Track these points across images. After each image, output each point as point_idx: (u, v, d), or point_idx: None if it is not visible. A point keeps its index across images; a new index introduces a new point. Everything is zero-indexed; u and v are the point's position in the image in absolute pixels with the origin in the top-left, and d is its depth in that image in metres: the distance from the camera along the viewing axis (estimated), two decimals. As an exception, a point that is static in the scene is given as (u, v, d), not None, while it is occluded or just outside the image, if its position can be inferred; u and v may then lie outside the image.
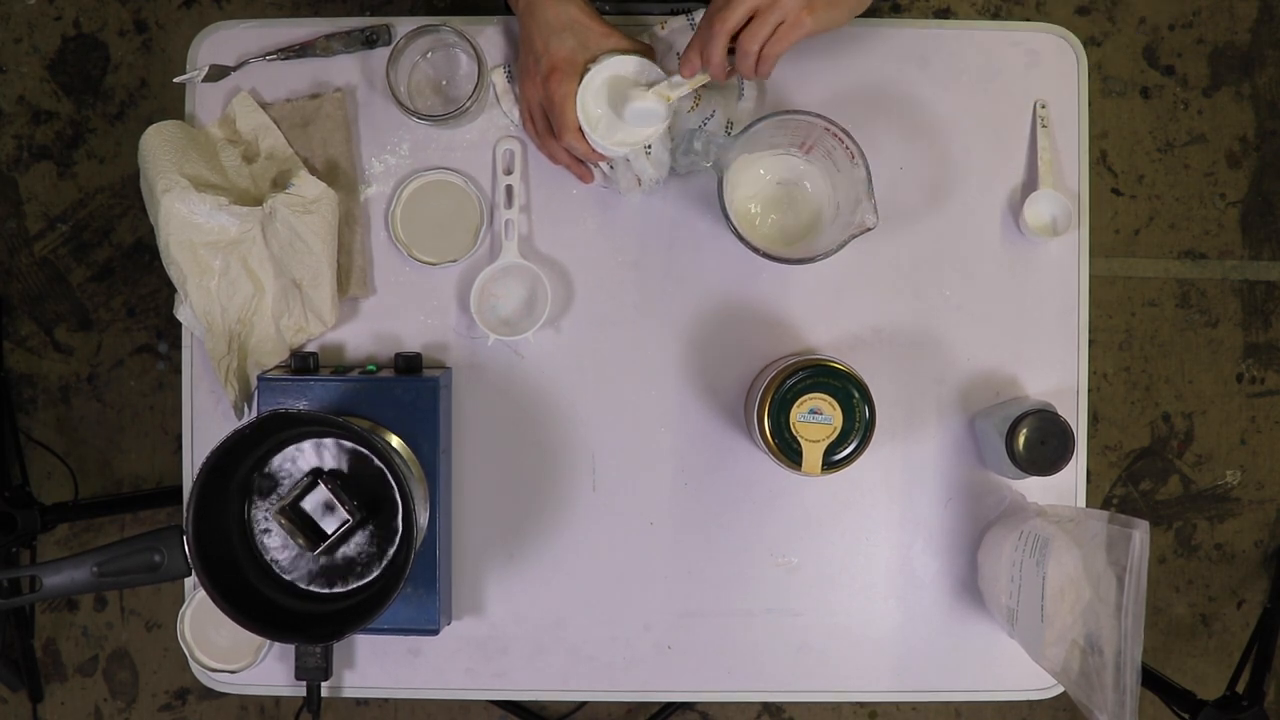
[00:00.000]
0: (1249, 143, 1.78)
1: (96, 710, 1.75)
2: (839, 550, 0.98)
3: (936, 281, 0.99)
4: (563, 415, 0.98)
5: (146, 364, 1.74)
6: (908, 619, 0.99)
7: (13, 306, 1.74)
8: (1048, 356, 0.99)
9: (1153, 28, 1.78)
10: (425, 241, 0.97)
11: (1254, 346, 1.79)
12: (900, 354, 0.98)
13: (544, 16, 0.87)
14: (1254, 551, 1.79)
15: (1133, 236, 1.78)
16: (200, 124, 0.98)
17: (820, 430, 0.87)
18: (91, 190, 1.74)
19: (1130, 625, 0.80)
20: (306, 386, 0.91)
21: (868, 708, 1.78)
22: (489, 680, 0.98)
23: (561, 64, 0.87)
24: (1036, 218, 0.97)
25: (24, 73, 1.74)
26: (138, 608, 1.74)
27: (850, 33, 0.99)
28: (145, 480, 1.74)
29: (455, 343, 0.98)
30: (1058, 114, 0.99)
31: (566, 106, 0.87)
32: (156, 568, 0.80)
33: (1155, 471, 1.79)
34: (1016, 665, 0.96)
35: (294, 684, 0.95)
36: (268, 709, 1.74)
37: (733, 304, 0.98)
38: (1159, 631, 1.78)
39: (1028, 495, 0.97)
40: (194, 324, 0.95)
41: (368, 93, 0.98)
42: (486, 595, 0.98)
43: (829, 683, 0.99)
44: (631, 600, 0.98)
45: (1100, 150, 1.77)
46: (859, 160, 0.86)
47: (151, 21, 1.75)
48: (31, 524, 1.37)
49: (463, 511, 0.98)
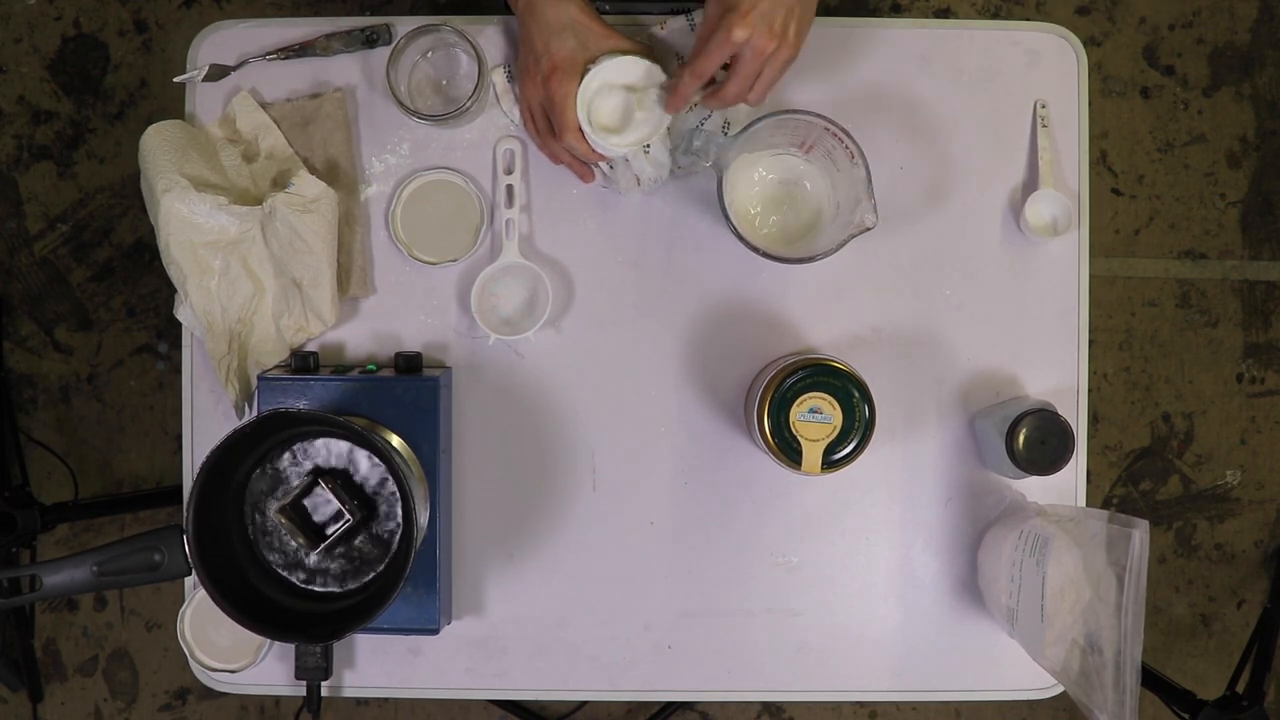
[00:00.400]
0: (1249, 143, 1.78)
1: (96, 710, 1.75)
2: (839, 550, 0.98)
3: (936, 281, 0.99)
4: (563, 415, 0.98)
5: (146, 364, 1.74)
6: (908, 619, 0.99)
7: (13, 306, 1.74)
8: (1048, 356, 0.99)
9: (1153, 28, 1.78)
10: (425, 241, 0.97)
11: (1254, 346, 1.79)
12: (900, 354, 0.98)
13: (544, 16, 0.87)
14: (1254, 551, 1.79)
15: (1133, 236, 1.78)
16: (200, 124, 0.98)
17: (820, 429, 0.87)
18: (91, 190, 1.74)
19: (1130, 625, 0.80)
20: (306, 386, 0.91)
21: (868, 708, 1.78)
22: (489, 680, 0.98)
23: (562, 64, 0.87)
24: (1037, 217, 0.97)
25: (24, 73, 1.74)
26: (138, 608, 1.74)
27: (850, 33, 0.99)
28: (145, 480, 1.74)
29: (455, 342, 0.98)
30: (1058, 114, 0.99)
31: (567, 106, 0.87)
32: (156, 567, 0.80)
33: (1155, 471, 1.79)
34: (1016, 665, 0.96)
35: (294, 684, 0.95)
36: (268, 709, 1.74)
37: (733, 304, 0.98)
38: (1159, 631, 1.78)
39: (1028, 495, 0.97)
40: (194, 324, 0.95)
41: (368, 93, 0.98)
42: (486, 595, 0.98)
43: (829, 683, 0.99)
44: (631, 600, 0.98)
45: (1100, 150, 1.77)
46: (859, 160, 0.86)
47: (151, 21, 1.75)
48: (31, 524, 1.37)
49: (463, 511, 0.98)
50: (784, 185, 0.95)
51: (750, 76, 0.84)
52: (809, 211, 0.95)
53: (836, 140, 0.87)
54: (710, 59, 0.82)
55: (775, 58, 0.82)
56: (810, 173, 0.94)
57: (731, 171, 0.90)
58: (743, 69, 0.83)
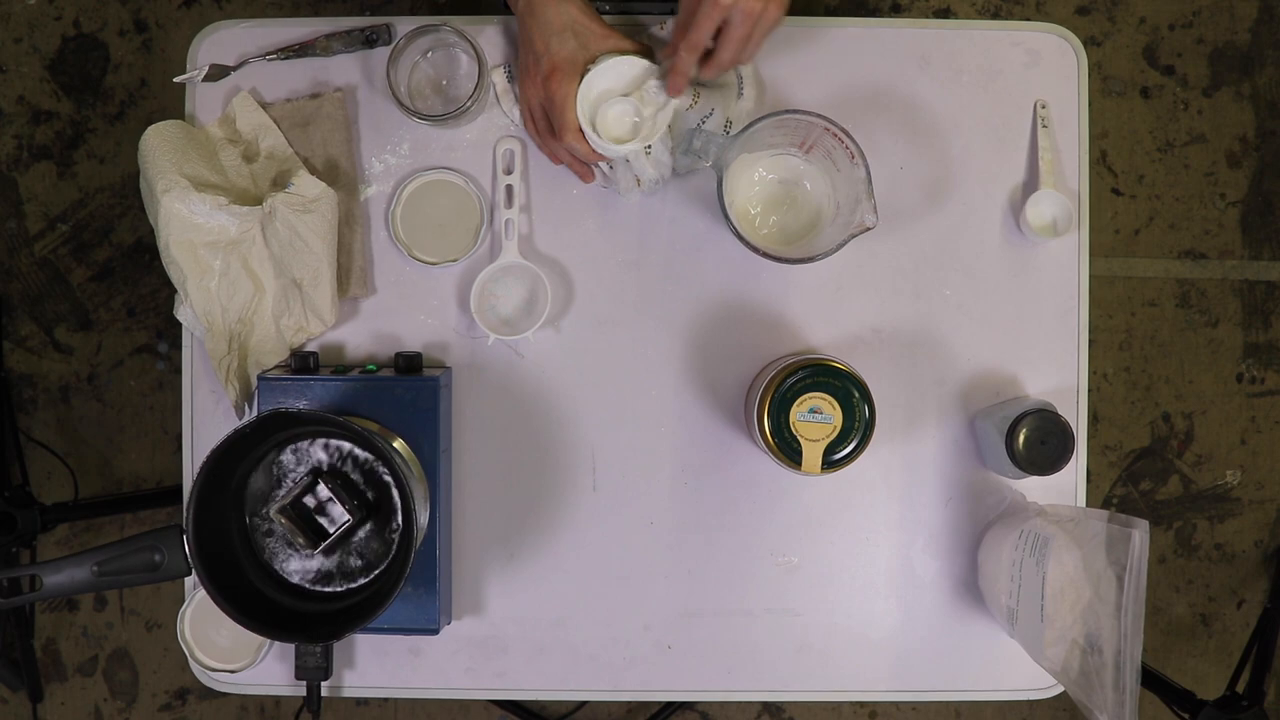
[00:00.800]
0: (1249, 143, 1.78)
1: (96, 710, 1.75)
2: (839, 550, 0.98)
3: (937, 281, 0.99)
4: (563, 415, 0.98)
5: (146, 364, 1.74)
6: (908, 619, 0.99)
7: (13, 306, 1.74)
8: (1048, 356, 0.99)
9: (1153, 28, 1.78)
10: (425, 241, 0.97)
11: (1254, 346, 1.79)
12: (900, 354, 0.98)
13: (544, 17, 0.87)
14: (1254, 551, 1.79)
15: (1133, 236, 1.78)
16: (200, 124, 0.98)
17: (820, 429, 0.87)
18: (91, 190, 1.74)
19: (1130, 625, 0.80)
20: (306, 386, 0.91)
21: (868, 708, 1.78)
22: (489, 680, 0.98)
23: (562, 65, 0.87)
24: (1038, 218, 0.97)
25: (24, 73, 1.74)
26: (138, 608, 1.74)
27: (850, 33, 0.99)
28: (145, 480, 1.74)
29: (455, 343, 0.98)
30: (1058, 114, 0.99)
31: (567, 107, 0.87)
32: (156, 567, 0.80)
33: (1155, 471, 1.79)
34: (1016, 665, 0.96)
35: (294, 684, 0.95)
36: (268, 709, 1.74)
37: (733, 304, 0.98)
38: (1159, 631, 1.78)
39: (1028, 495, 0.97)
40: (194, 324, 0.95)
41: (368, 93, 0.98)
42: (486, 595, 0.98)
43: (829, 683, 0.99)
44: (631, 600, 0.98)
45: (1100, 150, 1.77)
46: (859, 160, 0.86)
47: (151, 21, 1.75)
48: (31, 524, 1.37)
49: (463, 511, 0.98)
50: (784, 185, 0.95)
51: (742, 40, 0.83)
52: (809, 211, 0.95)
53: (836, 140, 0.87)
54: (701, 29, 0.82)
55: (764, 18, 0.82)
56: (810, 173, 0.94)
57: (731, 172, 0.90)
58: (734, 33, 0.83)
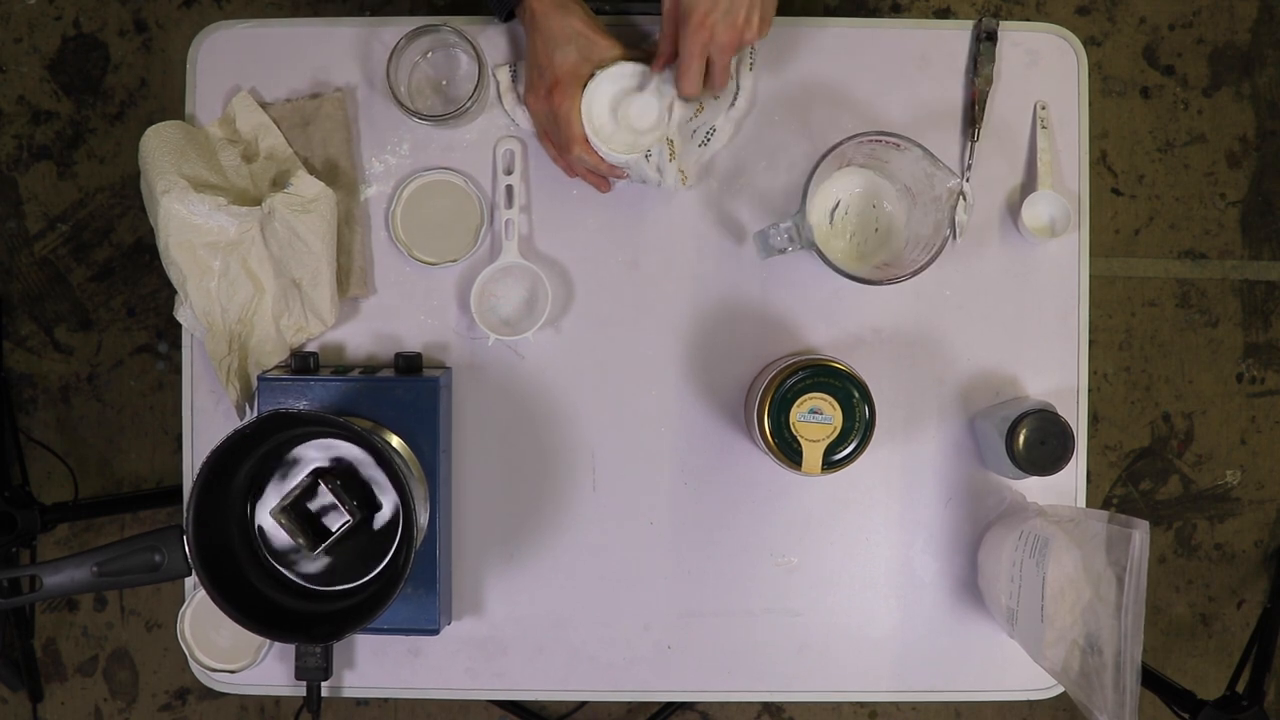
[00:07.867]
0: (1249, 143, 1.78)
1: (96, 710, 1.75)
2: (839, 550, 0.98)
3: (937, 281, 0.99)
4: (563, 415, 0.98)
5: (146, 364, 1.74)
6: (908, 619, 0.99)
7: (13, 306, 1.74)
8: (1048, 356, 0.99)
9: (1153, 28, 1.78)
10: (425, 241, 0.97)
11: (1254, 346, 1.79)
12: (900, 354, 0.98)
13: (548, 28, 0.88)
14: (1254, 551, 1.79)
15: (1133, 236, 1.78)
16: (200, 124, 0.98)
17: (820, 430, 0.87)
18: (91, 190, 1.74)
19: (1130, 625, 0.80)
20: (306, 386, 0.91)
21: (868, 708, 1.78)
22: (489, 680, 0.98)
23: (565, 77, 0.87)
24: (1035, 219, 0.97)
25: (24, 73, 1.74)
26: (138, 608, 1.74)
27: (850, 33, 0.99)
28: (145, 480, 1.74)
29: (455, 343, 0.98)
30: (1058, 114, 0.99)
31: (571, 119, 0.88)
32: (156, 568, 0.80)
33: (1155, 471, 1.79)
34: (1016, 665, 0.96)
35: (294, 684, 0.95)
36: (268, 709, 1.74)
37: (733, 304, 0.98)
38: (1159, 631, 1.78)
39: (1028, 495, 0.97)
40: (194, 325, 0.95)
41: (368, 93, 0.98)
42: (486, 595, 0.98)
43: (829, 683, 0.99)
44: (631, 600, 0.98)
45: (1100, 150, 1.77)
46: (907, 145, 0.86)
47: (151, 21, 1.75)
48: (31, 524, 1.37)
49: (463, 511, 0.98)
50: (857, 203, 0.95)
51: (727, 68, 0.87)
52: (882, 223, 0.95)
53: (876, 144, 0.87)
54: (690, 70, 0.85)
55: (744, 44, 0.86)
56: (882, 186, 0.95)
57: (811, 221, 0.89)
58: (719, 64, 0.86)
